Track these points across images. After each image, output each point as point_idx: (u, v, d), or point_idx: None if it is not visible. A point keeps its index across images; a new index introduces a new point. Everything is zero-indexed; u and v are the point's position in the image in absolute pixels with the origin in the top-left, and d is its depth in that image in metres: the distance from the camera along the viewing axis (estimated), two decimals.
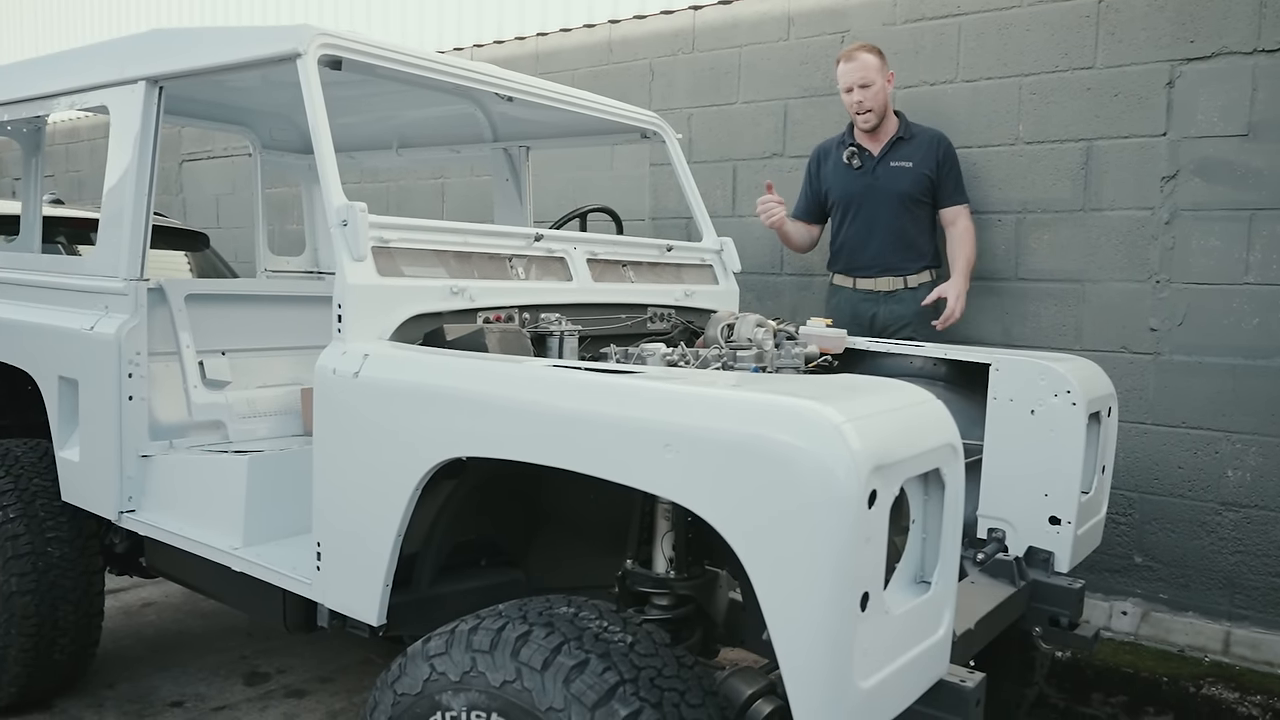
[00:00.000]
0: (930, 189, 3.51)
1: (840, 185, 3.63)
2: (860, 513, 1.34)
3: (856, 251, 3.61)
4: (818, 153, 3.75)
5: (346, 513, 1.95)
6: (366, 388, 1.91)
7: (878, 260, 3.57)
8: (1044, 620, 2.25)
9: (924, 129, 3.57)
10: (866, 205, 3.56)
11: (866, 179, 3.56)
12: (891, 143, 3.54)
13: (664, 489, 1.49)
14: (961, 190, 3.54)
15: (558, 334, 2.38)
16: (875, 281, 3.58)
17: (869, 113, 3.50)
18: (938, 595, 1.62)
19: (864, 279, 3.60)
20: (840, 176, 3.63)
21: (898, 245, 3.54)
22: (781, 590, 1.37)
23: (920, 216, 3.55)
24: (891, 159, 3.53)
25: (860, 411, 1.43)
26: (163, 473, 2.58)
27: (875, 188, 3.55)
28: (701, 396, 1.49)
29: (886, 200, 3.53)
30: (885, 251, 3.55)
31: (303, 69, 2.17)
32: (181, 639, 3.60)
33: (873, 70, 3.47)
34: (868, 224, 3.57)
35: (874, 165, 3.55)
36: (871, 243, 3.56)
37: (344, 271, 2.02)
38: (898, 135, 3.54)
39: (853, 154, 3.58)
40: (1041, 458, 2.33)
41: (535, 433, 1.64)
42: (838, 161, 3.64)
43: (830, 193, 3.67)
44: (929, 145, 3.52)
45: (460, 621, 1.65)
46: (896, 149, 3.53)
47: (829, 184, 3.67)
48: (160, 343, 2.81)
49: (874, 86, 3.47)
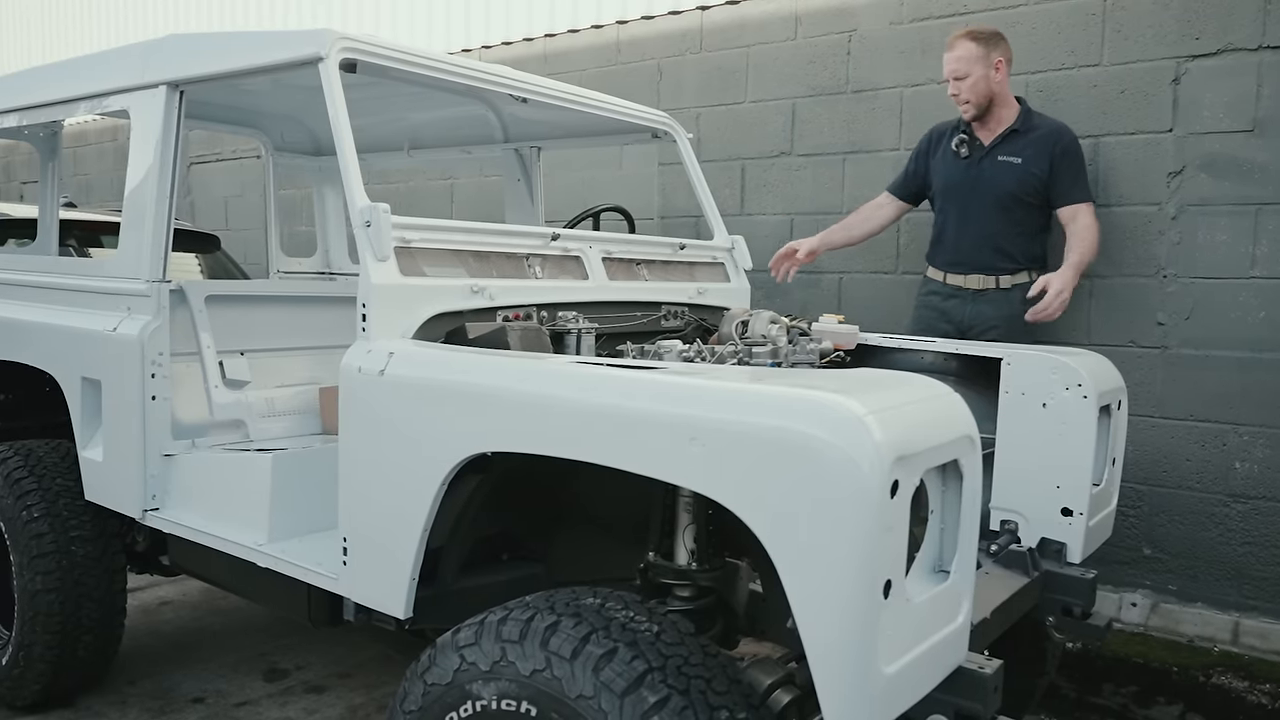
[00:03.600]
0: (1040, 189, 3.29)
1: (944, 173, 3.45)
2: (883, 502, 1.38)
3: (951, 245, 3.45)
4: (930, 135, 3.56)
5: (373, 508, 1.99)
6: (392, 385, 1.94)
7: (970, 257, 3.39)
8: (1057, 610, 2.28)
9: (1046, 120, 3.35)
10: (967, 197, 3.38)
11: (971, 171, 3.38)
12: (1004, 135, 3.32)
13: (690, 481, 1.53)
14: (1082, 188, 3.29)
15: (575, 332, 2.41)
16: (965, 279, 3.41)
17: (966, 105, 3.33)
18: (956, 584, 1.65)
19: (955, 274, 3.44)
20: (946, 164, 3.44)
21: (993, 243, 3.35)
22: (807, 578, 1.41)
23: (1023, 217, 3.33)
24: (1000, 152, 3.33)
25: (882, 404, 1.47)
26: (186, 471, 2.62)
27: (979, 180, 3.36)
28: (726, 390, 1.52)
29: (987, 196, 3.33)
30: (979, 248, 3.37)
31: (325, 72, 2.20)
32: (200, 636, 3.64)
33: (969, 60, 3.28)
34: (965, 217, 3.39)
35: (981, 157, 3.36)
36: (966, 237, 3.39)
37: (368, 271, 2.06)
38: (1012, 127, 3.32)
39: (962, 141, 3.39)
40: (1053, 450, 2.36)
41: (561, 427, 1.68)
42: (948, 148, 3.45)
43: (934, 179, 3.50)
44: (1045, 141, 3.28)
45: (490, 613, 1.69)
46: (1008, 142, 3.32)
47: (935, 170, 3.49)
48: (181, 343, 2.85)
49: (970, 77, 3.28)
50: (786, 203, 4.20)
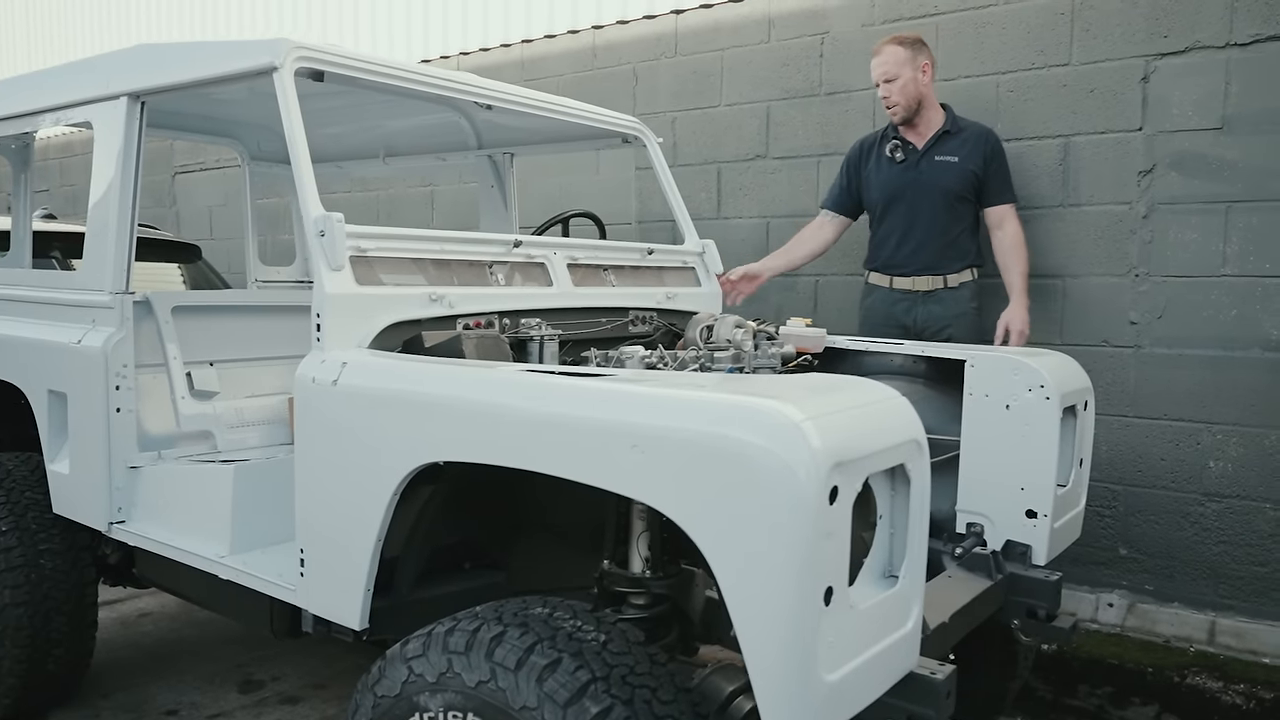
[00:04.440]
0: (975, 186, 3.37)
1: (882, 180, 3.47)
2: (821, 509, 1.37)
3: (896, 249, 3.46)
4: (860, 145, 3.59)
5: (327, 519, 1.98)
6: (345, 395, 1.94)
7: (917, 258, 3.42)
8: (1022, 613, 2.28)
9: (972, 123, 3.44)
10: (908, 201, 3.41)
11: (910, 173, 3.41)
12: (937, 136, 3.39)
13: (632, 489, 1.52)
14: (1009, 188, 3.40)
15: (538, 339, 2.40)
16: (914, 281, 3.43)
17: (896, 106, 3.37)
18: (905, 589, 1.64)
19: (902, 278, 3.45)
20: (882, 171, 3.47)
21: (939, 244, 3.40)
22: (745, 586, 1.40)
23: (964, 214, 3.40)
24: (936, 153, 3.38)
25: (821, 409, 1.46)
26: (151, 483, 2.60)
27: (918, 183, 3.39)
28: (666, 398, 1.51)
29: (929, 196, 3.38)
30: (926, 249, 3.40)
31: (279, 82, 2.19)
32: (177, 648, 3.62)
33: (897, 63, 3.33)
34: (908, 220, 3.42)
35: (918, 159, 3.41)
36: (911, 240, 3.42)
37: (322, 281, 2.05)
38: (944, 129, 3.40)
39: (896, 147, 3.44)
40: (1017, 452, 2.35)
41: (506, 436, 1.67)
42: (880, 155, 3.49)
43: (870, 188, 3.52)
44: (977, 140, 3.37)
45: (437, 624, 1.68)
46: (942, 143, 3.39)
47: (869, 179, 3.52)
48: (149, 355, 2.84)
49: (899, 80, 3.34)
50: (762, 206, 4.19)
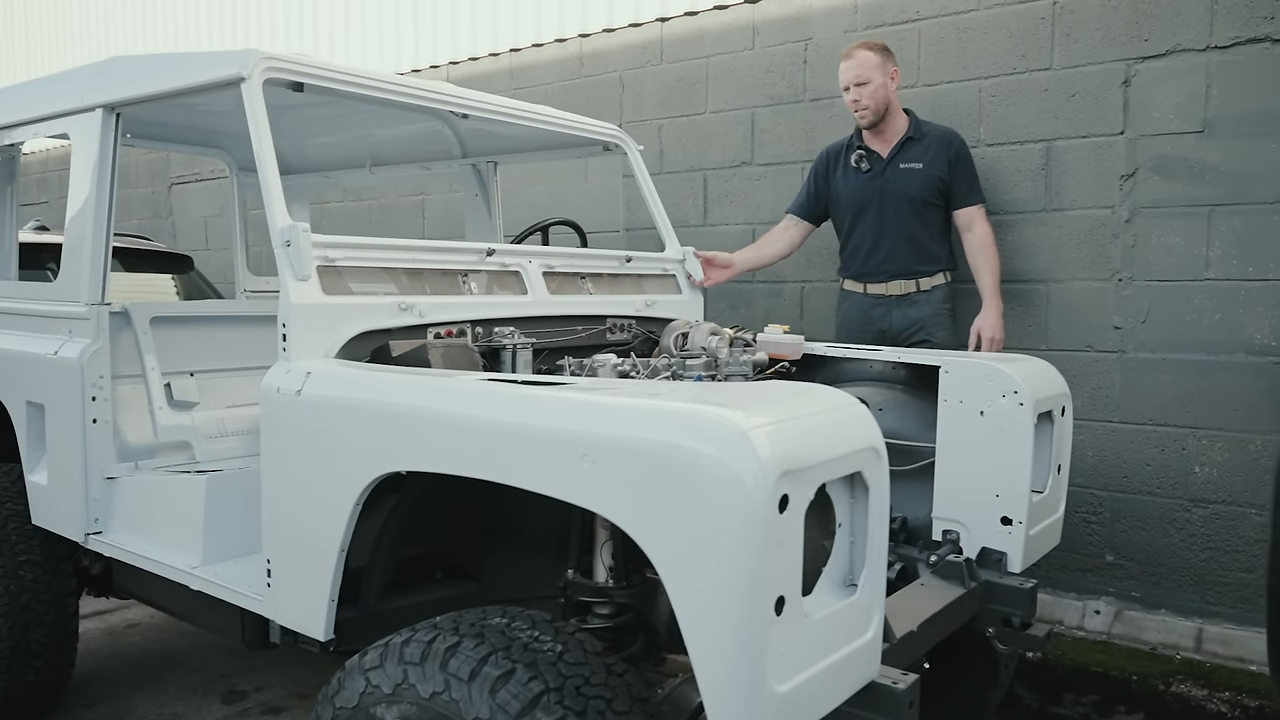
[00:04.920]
0: (942, 191, 3.39)
1: (849, 189, 3.50)
2: (770, 518, 1.36)
3: (867, 257, 3.49)
4: (826, 154, 3.62)
5: (292, 529, 1.98)
6: (308, 405, 1.93)
7: (889, 265, 3.45)
8: (997, 620, 2.25)
9: (935, 127, 3.46)
10: (876, 209, 3.44)
11: (876, 182, 3.44)
12: (901, 143, 3.41)
13: (583, 498, 1.51)
14: (977, 190, 3.42)
15: (510, 347, 2.40)
16: (887, 286, 3.46)
17: (865, 110, 3.39)
18: (865, 597, 1.63)
19: (875, 284, 3.49)
20: (849, 181, 3.50)
21: (909, 249, 3.42)
22: (694, 596, 1.39)
23: (932, 219, 3.43)
24: (901, 160, 3.41)
25: (772, 417, 1.45)
26: (127, 494, 2.60)
27: (885, 191, 3.42)
28: (614, 406, 1.51)
29: (896, 204, 3.40)
30: (897, 256, 3.43)
31: (247, 93, 2.20)
32: (163, 659, 3.62)
33: (869, 67, 3.35)
34: (878, 228, 3.44)
35: (883, 168, 3.43)
36: (882, 247, 3.44)
37: (287, 291, 2.05)
38: (907, 135, 3.41)
39: (861, 157, 3.46)
40: (992, 459, 2.33)
41: (462, 446, 1.66)
42: (846, 165, 3.52)
43: (839, 199, 3.55)
44: (940, 145, 3.39)
45: (395, 634, 1.67)
46: (906, 150, 3.41)
47: (837, 188, 3.55)
48: (127, 365, 2.85)
49: (871, 84, 3.35)
50: (749, 212, 4.19)
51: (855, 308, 3.54)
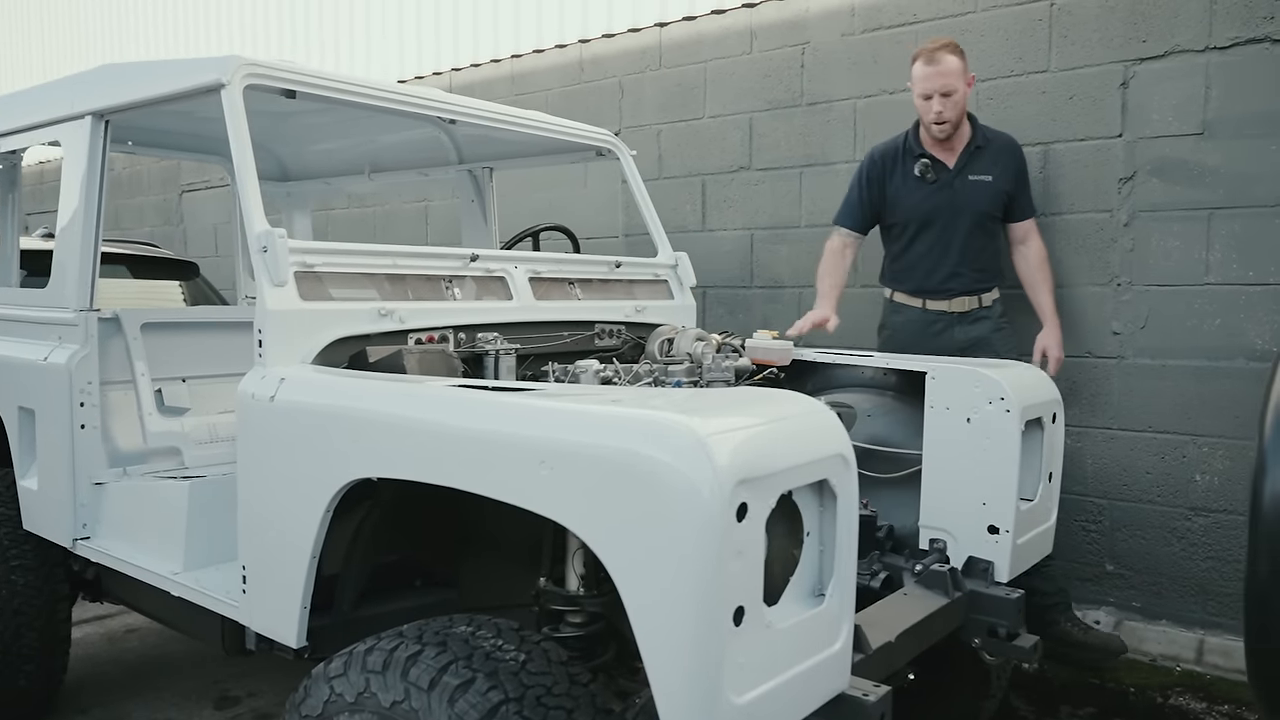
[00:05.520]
0: (1007, 204, 3.21)
1: (911, 201, 3.21)
2: (728, 527, 1.34)
3: (930, 272, 3.23)
4: (879, 160, 3.29)
5: (265, 535, 1.97)
6: (281, 411, 1.93)
7: (954, 281, 3.21)
8: (983, 631, 2.22)
9: (996, 133, 3.23)
10: (942, 223, 3.18)
11: (943, 194, 3.17)
12: (968, 153, 3.17)
13: (540, 506, 1.49)
14: (1032, 201, 3.27)
15: (493, 353, 2.39)
16: (950, 303, 3.23)
17: (946, 124, 3.10)
18: (833, 607, 1.60)
19: (936, 300, 3.24)
20: (911, 191, 3.21)
21: (974, 265, 3.21)
22: (650, 606, 1.37)
23: (994, 232, 3.25)
24: (970, 172, 3.16)
25: (731, 424, 1.43)
26: (115, 500, 2.61)
27: (953, 204, 3.16)
28: (573, 413, 1.49)
29: (964, 219, 3.16)
30: (962, 272, 3.21)
31: (227, 99, 2.20)
32: (160, 664, 3.63)
33: (956, 76, 3.07)
34: (943, 243, 3.20)
35: (951, 179, 3.18)
36: (947, 263, 3.20)
37: (263, 296, 2.04)
38: (975, 144, 3.18)
39: (927, 167, 3.18)
40: (979, 466, 2.30)
41: (427, 452, 1.65)
42: (907, 174, 3.22)
43: (897, 209, 3.26)
44: (1006, 155, 3.19)
45: (360, 643, 1.66)
46: (974, 160, 3.17)
47: (895, 197, 3.25)
48: (118, 371, 2.86)
49: (956, 95, 3.08)
50: (747, 217, 4.17)
51: (910, 323, 3.29)
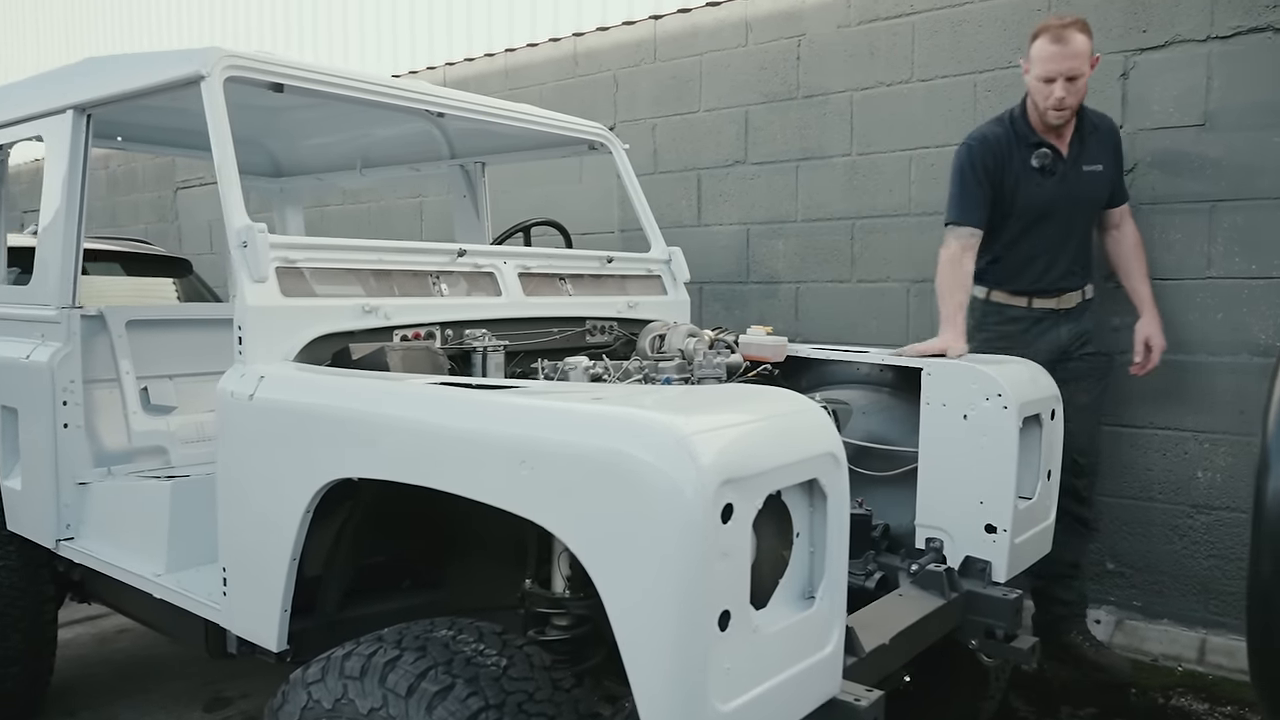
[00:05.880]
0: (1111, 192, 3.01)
1: (1028, 194, 2.91)
2: (712, 528, 1.29)
3: (1045, 270, 2.97)
4: (994, 149, 2.90)
5: (245, 536, 1.93)
6: (261, 410, 1.89)
7: (1067, 279, 3.00)
8: (980, 632, 2.17)
9: (1099, 116, 2.98)
10: (1059, 218, 2.92)
11: (1061, 186, 2.91)
12: (1080, 141, 2.92)
13: (522, 507, 1.45)
14: (1124, 185, 3.08)
15: (481, 350, 2.35)
16: (1059, 300, 3.00)
17: (1065, 111, 2.82)
18: (824, 610, 1.56)
19: (1045, 298, 3.00)
20: (1027, 183, 2.91)
21: (1082, 258, 3.02)
22: (631, 611, 1.33)
23: (1094, 221, 3.06)
24: (1084, 161, 2.92)
25: (716, 422, 1.38)
26: (98, 500, 2.57)
27: (1071, 198, 2.91)
28: (554, 411, 1.45)
29: (1080, 211, 2.94)
30: (1075, 269, 3.00)
31: (207, 91, 2.16)
32: (150, 665, 3.59)
33: (1084, 59, 2.76)
34: (1059, 238, 2.95)
35: (1065, 170, 2.91)
36: (1062, 259, 2.97)
37: (243, 293, 2.00)
38: (1087, 130, 2.93)
39: (1047, 157, 2.89)
40: (975, 464, 2.25)
41: (405, 452, 1.61)
42: (1023, 164, 2.91)
43: (1008, 201, 2.93)
44: (1109, 140, 2.96)
45: (339, 647, 1.62)
46: (1086, 149, 2.93)
47: (1013, 191, 2.92)
48: (103, 369, 2.82)
49: (1080, 80, 2.78)
50: (743, 212, 4.12)
51: (1014, 324, 3.02)
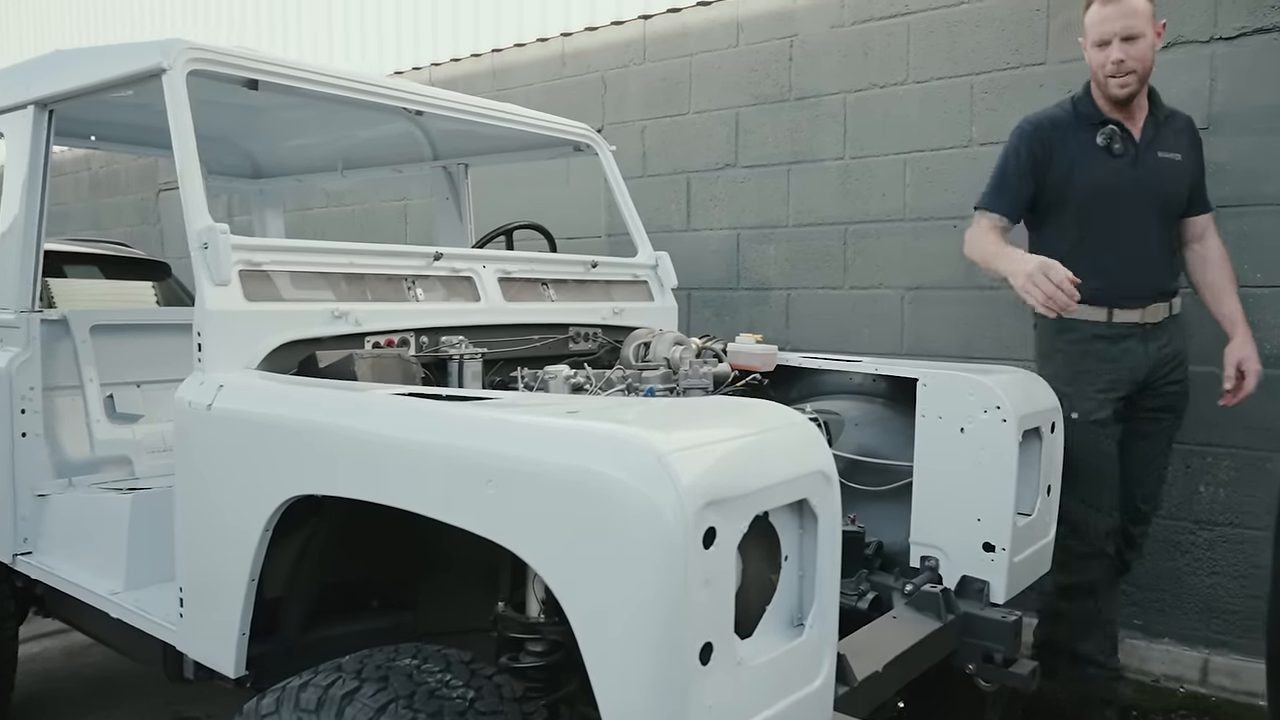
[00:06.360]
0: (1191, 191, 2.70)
1: (1092, 177, 2.58)
2: (694, 554, 1.19)
3: (1121, 271, 2.58)
4: (1044, 128, 2.64)
5: (202, 555, 1.83)
6: (219, 420, 1.78)
7: (1145, 283, 2.61)
8: (977, 656, 2.07)
9: (1173, 110, 2.71)
10: (1131, 205, 2.58)
11: (1132, 170, 2.58)
12: (1155, 125, 2.62)
13: (488, 529, 1.34)
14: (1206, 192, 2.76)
15: (457, 358, 2.24)
16: (1143, 312, 2.60)
17: (1129, 75, 2.50)
18: (814, 639, 1.45)
19: (1127, 309, 2.59)
20: (1092, 165, 2.58)
21: (1165, 262, 2.66)
22: (605, 644, 1.22)
23: (1175, 226, 2.72)
24: (1159, 147, 2.61)
25: (698, 438, 1.29)
26: (57, 512, 2.47)
27: (1144, 184, 2.58)
28: (522, 425, 1.34)
29: (1154, 203, 2.60)
30: (1152, 271, 2.63)
31: (169, 84, 2.06)
32: (117, 681, 3.48)
33: (1142, 18, 2.49)
34: (1135, 231, 2.59)
35: (1136, 154, 2.59)
36: (1138, 260, 2.60)
37: (203, 297, 1.90)
38: (1163, 113, 2.64)
39: (1114, 135, 2.57)
40: (973, 479, 2.16)
41: (366, 467, 1.50)
42: (1085, 144, 2.59)
43: (1069, 185, 2.60)
44: (1190, 131, 2.69)
45: (295, 676, 1.51)
46: (1161, 134, 2.62)
47: (1067, 173, 2.60)
48: (67, 376, 2.72)
49: (1143, 40, 2.49)
50: (733, 216, 4.03)
51: (1094, 343, 2.60)
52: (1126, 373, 2.59)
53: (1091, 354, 2.60)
